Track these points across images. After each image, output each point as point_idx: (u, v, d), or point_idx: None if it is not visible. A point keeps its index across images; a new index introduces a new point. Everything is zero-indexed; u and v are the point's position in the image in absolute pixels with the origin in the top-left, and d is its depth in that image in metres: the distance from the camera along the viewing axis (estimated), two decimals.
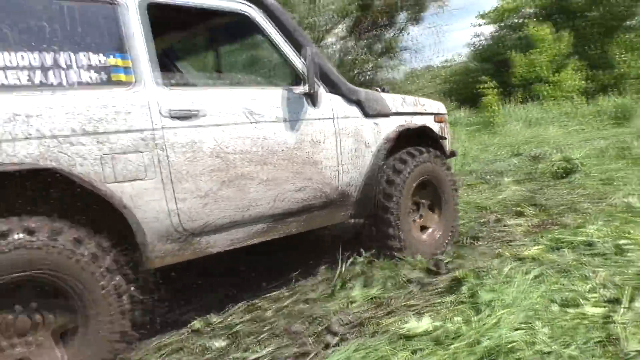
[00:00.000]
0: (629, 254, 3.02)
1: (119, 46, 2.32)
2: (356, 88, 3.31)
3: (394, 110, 3.49)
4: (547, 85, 13.47)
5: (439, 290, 2.87)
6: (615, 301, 2.41)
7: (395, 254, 3.30)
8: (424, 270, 3.17)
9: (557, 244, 3.30)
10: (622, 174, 5.35)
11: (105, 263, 2.14)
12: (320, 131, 3.01)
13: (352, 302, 2.85)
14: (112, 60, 2.30)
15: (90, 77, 2.22)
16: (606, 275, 2.69)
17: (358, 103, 3.25)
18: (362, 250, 3.35)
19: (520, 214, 4.37)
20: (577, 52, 14.12)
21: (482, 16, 17.54)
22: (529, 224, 4.10)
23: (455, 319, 2.35)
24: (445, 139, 3.95)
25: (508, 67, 14.46)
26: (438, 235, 3.64)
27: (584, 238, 3.31)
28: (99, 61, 2.25)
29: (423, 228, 3.63)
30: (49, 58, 2.13)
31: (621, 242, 3.18)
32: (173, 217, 2.41)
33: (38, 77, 2.10)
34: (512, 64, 13.94)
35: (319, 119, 3.02)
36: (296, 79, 3.00)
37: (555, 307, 2.39)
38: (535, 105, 13.02)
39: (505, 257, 3.17)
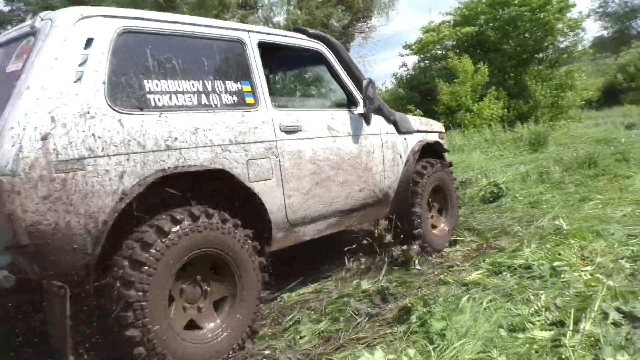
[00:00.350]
0: (564, 276, 3.12)
1: (247, 75, 3.01)
2: (392, 110, 4.09)
3: (415, 129, 4.29)
4: (468, 113, 14.16)
5: (388, 320, 2.82)
6: (559, 323, 2.46)
7: (418, 244, 3.89)
8: (370, 301, 3.12)
9: (498, 268, 3.36)
10: (545, 197, 5.62)
11: (252, 245, 2.72)
12: (372, 144, 3.74)
13: (300, 338, 2.73)
14: (244, 87, 2.97)
15: (233, 100, 2.89)
16: (547, 298, 2.76)
17: (394, 122, 4.02)
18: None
19: (457, 239, 4.44)
20: (496, 83, 14.99)
21: (407, 47, 18.31)
22: (467, 248, 4.17)
23: (409, 350, 2.30)
24: (448, 152, 4.92)
25: (432, 96, 15.09)
26: (446, 231, 4.40)
27: (521, 261, 3.39)
28: (237, 88, 2.93)
29: (435, 225, 4.35)
30: (208, 85, 2.79)
31: (555, 264, 3.29)
32: (287, 210, 3.05)
33: (203, 100, 2.75)
34: (438, 92, 14.57)
35: (371, 134, 3.76)
36: (351, 102, 3.73)
37: (504, 333, 2.40)
38: (457, 133, 13.63)
39: (450, 284, 3.19)
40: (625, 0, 38.69)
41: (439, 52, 17.92)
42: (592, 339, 2.21)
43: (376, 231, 4.09)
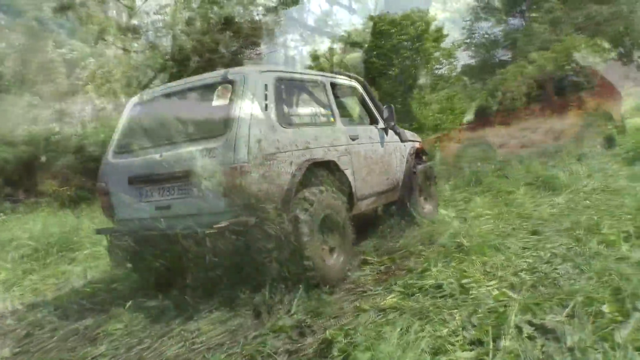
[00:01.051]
0: (472, 292, 3.21)
1: (328, 104, 4.64)
2: (397, 126, 5.61)
3: (409, 139, 5.96)
4: None
5: (309, 356, 2.70)
6: (478, 342, 2.49)
7: (417, 217, 5.39)
8: (288, 336, 2.97)
9: (410, 290, 3.38)
10: (440, 216, 5.85)
11: (348, 210, 4.30)
12: (390, 148, 5.43)
13: None
14: (328, 112, 4.61)
15: (325, 119, 4.55)
16: (462, 316, 2.79)
17: (398, 134, 5.64)
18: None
19: (365, 262, 4.42)
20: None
21: None
22: (376, 271, 4.16)
23: None
24: (428, 155, 6.82)
25: None
26: (431, 208, 5.97)
27: (431, 281, 3.44)
28: (325, 112, 4.58)
29: (424, 204, 5.92)
30: (312, 110, 4.47)
31: (463, 281, 3.38)
32: (356, 190, 4.58)
33: (312, 119, 4.42)
34: None
35: (389, 142, 5.46)
36: (373, 120, 5.40)
37: (428, 358, 2.38)
38: None
39: (367, 310, 3.13)
40: (488, 33, 42.88)
41: None
42: (512, 354, 2.26)
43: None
